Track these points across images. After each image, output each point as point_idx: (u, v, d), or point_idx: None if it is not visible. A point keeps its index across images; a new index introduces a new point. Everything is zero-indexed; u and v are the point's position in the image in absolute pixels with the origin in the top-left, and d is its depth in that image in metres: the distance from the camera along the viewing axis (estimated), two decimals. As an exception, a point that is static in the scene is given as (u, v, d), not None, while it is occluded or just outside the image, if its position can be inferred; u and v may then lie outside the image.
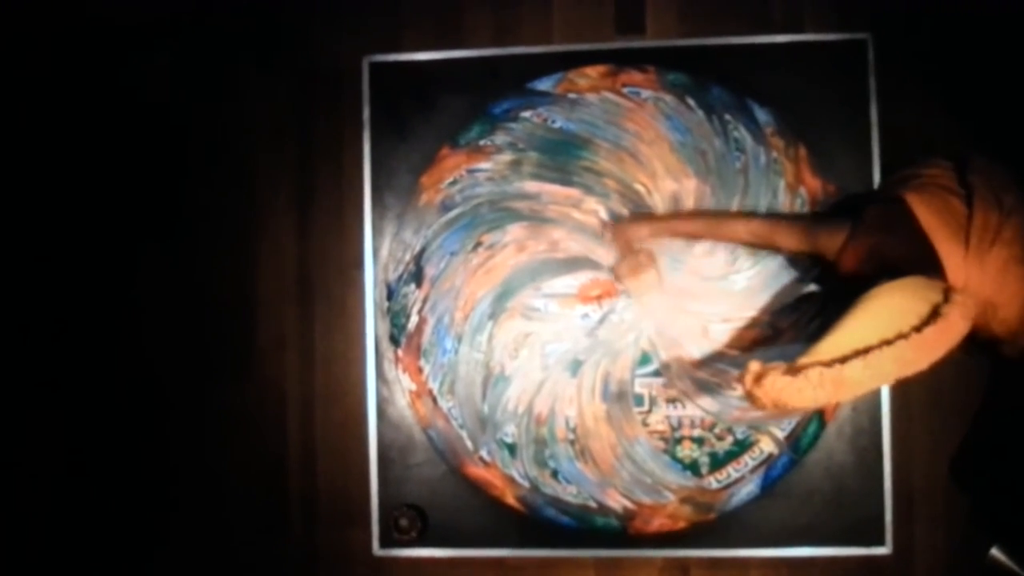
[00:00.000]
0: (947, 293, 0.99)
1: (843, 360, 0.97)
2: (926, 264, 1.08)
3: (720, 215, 1.48)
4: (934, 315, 0.97)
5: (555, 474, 1.54)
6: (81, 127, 1.66)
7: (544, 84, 1.57)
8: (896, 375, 0.97)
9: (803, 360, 1.00)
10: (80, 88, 1.66)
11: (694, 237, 1.49)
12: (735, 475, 1.51)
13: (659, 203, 1.54)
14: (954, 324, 0.96)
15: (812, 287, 1.48)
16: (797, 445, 1.50)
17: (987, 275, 1.09)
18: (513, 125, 1.57)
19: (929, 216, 1.11)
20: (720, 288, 1.52)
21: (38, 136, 1.66)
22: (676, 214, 1.50)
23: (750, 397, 1.04)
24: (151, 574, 1.63)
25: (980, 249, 1.09)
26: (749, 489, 1.50)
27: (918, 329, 0.96)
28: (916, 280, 1.04)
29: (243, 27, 1.63)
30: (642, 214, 1.51)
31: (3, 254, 1.65)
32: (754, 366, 1.04)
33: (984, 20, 1.50)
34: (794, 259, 1.46)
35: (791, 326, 1.50)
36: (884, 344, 0.96)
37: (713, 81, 1.54)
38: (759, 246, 1.44)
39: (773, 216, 1.46)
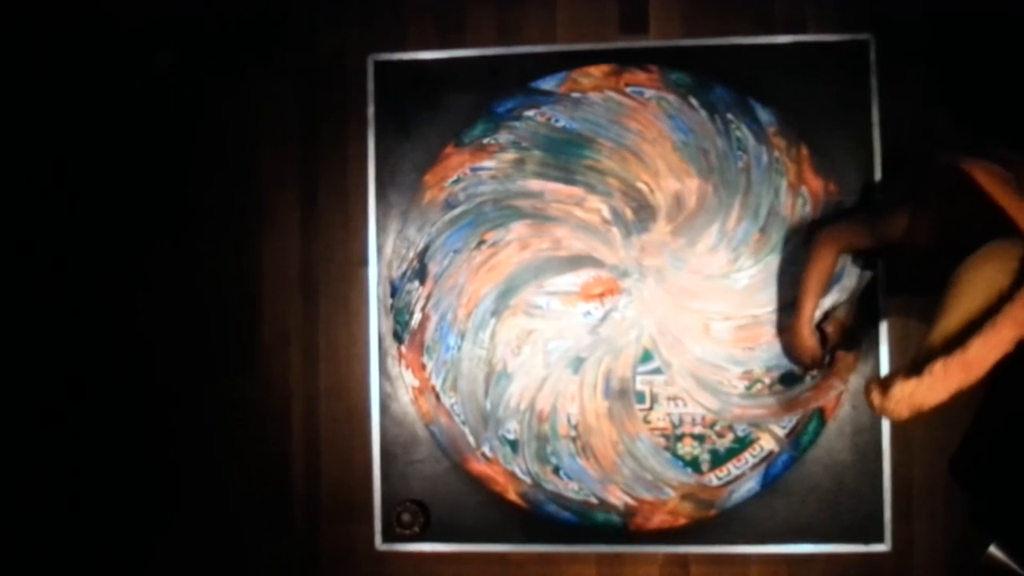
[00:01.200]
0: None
1: (961, 343, 0.97)
2: (996, 225, 1.07)
3: (810, 274, 1.39)
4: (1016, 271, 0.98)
5: (557, 470, 1.55)
6: (88, 125, 1.67)
7: (548, 83, 1.58)
8: (1018, 337, 0.96)
9: (910, 359, 1.01)
10: (87, 86, 1.67)
11: (820, 299, 1.43)
12: (735, 472, 1.52)
13: (661, 202, 1.55)
14: None
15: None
16: (797, 443, 1.51)
17: None
18: (517, 124, 1.58)
19: (987, 178, 1.10)
20: (722, 286, 1.53)
21: (45, 134, 1.67)
22: (801, 307, 1.40)
23: (884, 412, 1.03)
24: (155, 568, 1.64)
25: None
26: (749, 486, 1.52)
27: (1018, 286, 0.96)
28: (995, 246, 1.04)
29: (249, 26, 1.64)
30: (788, 339, 1.45)
31: (9, 250, 1.66)
32: (874, 383, 1.04)
33: (985, 20, 1.51)
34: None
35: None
36: (993, 313, 0.96)
37: (715, 81, 1.55)
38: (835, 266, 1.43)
39: (837, 230, 1.40)
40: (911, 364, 1.02)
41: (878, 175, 1.52)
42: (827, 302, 1.48)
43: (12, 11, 1.66)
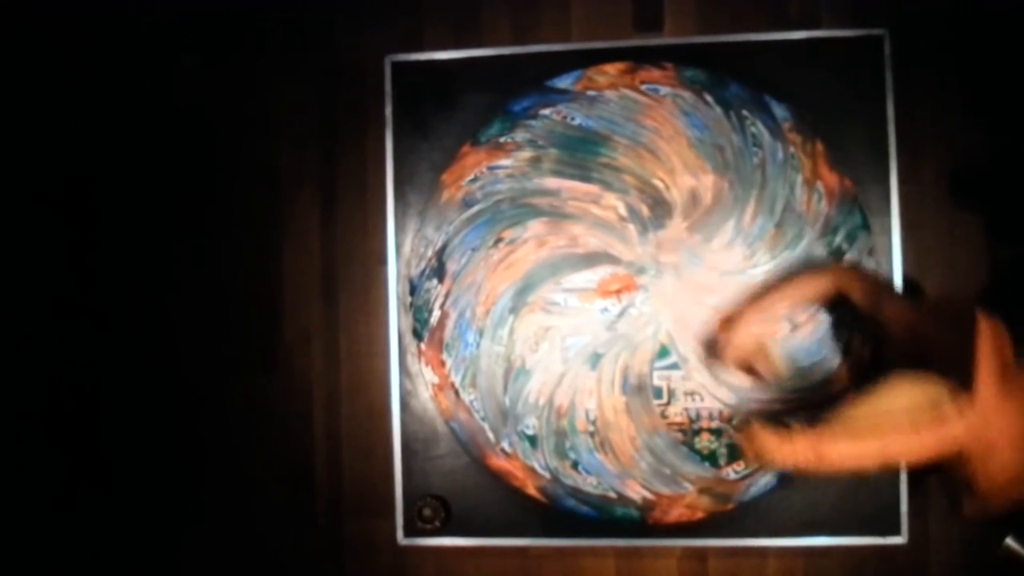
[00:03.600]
0: (957, 401, 0.98)
1: (831, 437, 0.97)
2: (959, 374, 1.03)
3: (795, 281, 1.34)
4: (938, 418, 0.96)
5: (575, 465, 1.57)
6: (108, 128, 1.69)
7: (563, 82, 1.59)
8: (879, 462, 0.96)
9: (798, 424, 1.01)
10: (106, 89, 1.69)
11: (784, 311, 1.40)
12: (753, 466, 1.53)
13: (677, 198, 1.56)
14: (952, 430, 0.95)
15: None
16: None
17: (1005, 420, 1.02)
18: (533, 122, 1.60)
19: (989, 339, 1.05)
20: (738, 282, 1.54)
21: (66, 136, 1.69)
22: (762, 300, 1.36)
23: (743, 450, 1.05)
24: (182, 563, 1.67)
25: (1009, 398, 1.02)
26: (766, 480, 1.53)
27: (913, 423, 0.96)
28: (936, 386, 1.02)
29: (266, 28, 1.66)
30: (723, 319, 1.44)
31: (34, 253, 1.69)
32: (753, 424, 1.05)
33: (1002, 16, 1.51)
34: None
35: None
36: (875, 429, 0.96)
37: (730, 77, 1.56)
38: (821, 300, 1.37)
39: (852, 268, 1.39)
40: (787, 424, 1.04)
41: (893, 170, 1.52)
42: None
43: (32, 14, 1.69)
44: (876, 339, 1.27)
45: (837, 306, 1.38)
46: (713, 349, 1.49)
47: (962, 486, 1.06)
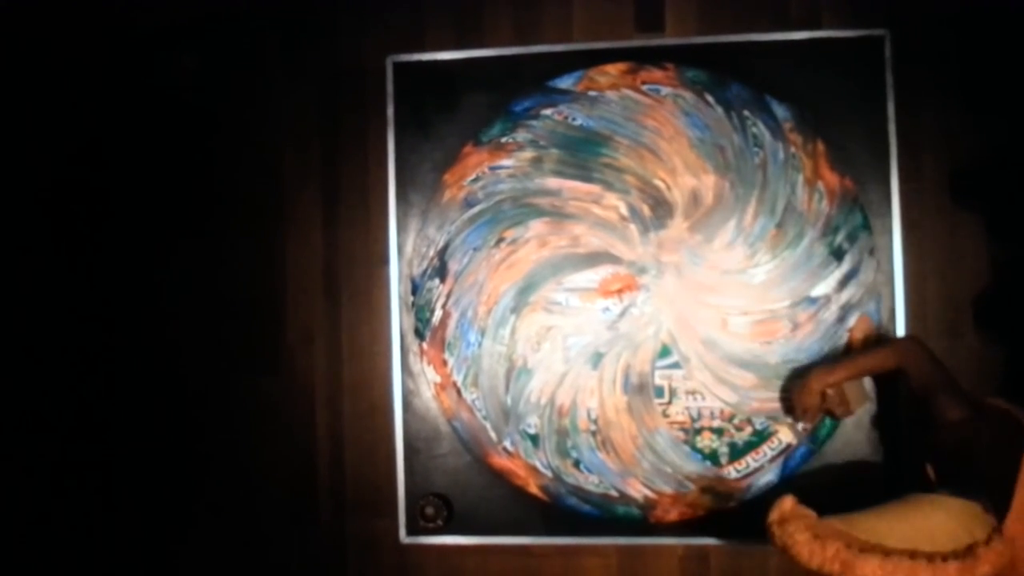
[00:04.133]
0: (992, 537, 1.01)
1: (863, 549, 1.00)
2: (997, 494, 1.07)
3: (862, 356, 1.42)
4: (968, 552, 0.99)
5: (577, 464, 1.57)
6: (112, 127, 1.70)
7: (565, 82, 1.60)
8: None
9: (832, 524, 1.04)
10: (110, 90, 1.70)
11: (853, 378, 1.43)
12: (754, 465, 1.54)
13: (678, 198, 1.57)
14: (979, 569, 0.98)
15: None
16: (815, 436, 1.53)
17: None
18: (534, 123, 1.60)
19: None
20: (739, 281, 1.55)
21: (70, 135, 1.70)
22: (832, 367, 1.41)
23: (768, 529, 1.08)
24: (182, 563, 1.68)
25: None
26: (768, 479, 1.53)
27: (944, 558, 0.98)
28: (973, 506, 1.05)
29: (269, 29, 1.67)
30: (801, 383, 1.43)
31: (36, 250, 1.70)
32: (787, 504, 1.07)
33: (1002, 16, 1.51)
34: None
35: (809, 319, 1.53)
36: (908, 555, 0.99)
37: (731, 78, 1.56)
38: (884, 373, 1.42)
39: (922, 353, 1.38)
40: (822, 524, 1.05)
41: (894, 170, 1.53)
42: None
43: (36, 15, 1.69)
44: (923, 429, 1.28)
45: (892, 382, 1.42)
46: (792, 411, 1.49)
47: None
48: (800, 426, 1.52)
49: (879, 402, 1.52)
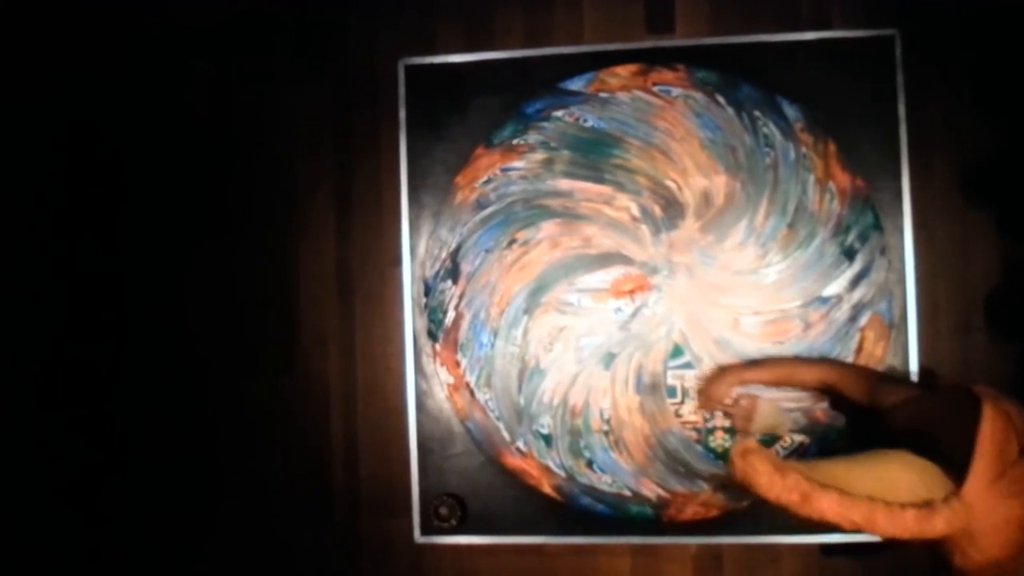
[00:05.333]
0: (949, 496, 1.02)
1: (823, 486, 1.00)
2: (954, 462, 1.07)
3: (790, 362, 1.49)
4: (925, 505, 1.00)
5: (590, 464, 1.58)
6: (126, 133, 1.71)
7: (576, 84, 1.61)
8: (857, 527, 0.99)
9: (793, 464, 1.03)
10: (125, 95, 1.71)
11: (769, 384, 1.50)
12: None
13: (690, 199, 1.57)
14: (935, 523, 0.99)
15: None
16: (826, 436, 1.53)
17: (991, 514, 1.07)
18: (546, 124, 1.61)
19: (990, 434, 1.08)
20: (751, 281, 1.55)
21: (84, 142, 1.72)
22: (751, 364, 1.49)
23: (730, 463, 1.07)
24: (199, 564, 1.69)
25: (1004, 491, 1.07)
26: (781, 477, 1.54)
27: (902, 506, 0.99)
28: (934, 468, 1.06)
29: (281, 34, 1.68)
30: (716, 371, 1.52)
31: (51, 255, 1.71)
32: (750, 443, 1.07)
33: (1012, 15, 1.51)
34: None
35: (821, 319, 1.53)
36: (867, 498, 0.99)
37: (742, 78, 1.57)
38: (826, 390, 1.46)
39: (841, 363, 1.49)
40: (782, 460, 1.05)
41: (905, 169, 1.53)
42: (768, 393, 1.51)
43: (49, 23, 1.71)
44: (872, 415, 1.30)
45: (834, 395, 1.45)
46: (703, 395, 1.54)
47: (945, 567, 1.11)
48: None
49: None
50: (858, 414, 1.43)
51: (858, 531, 0.98)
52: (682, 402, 1.56)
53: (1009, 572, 1.08)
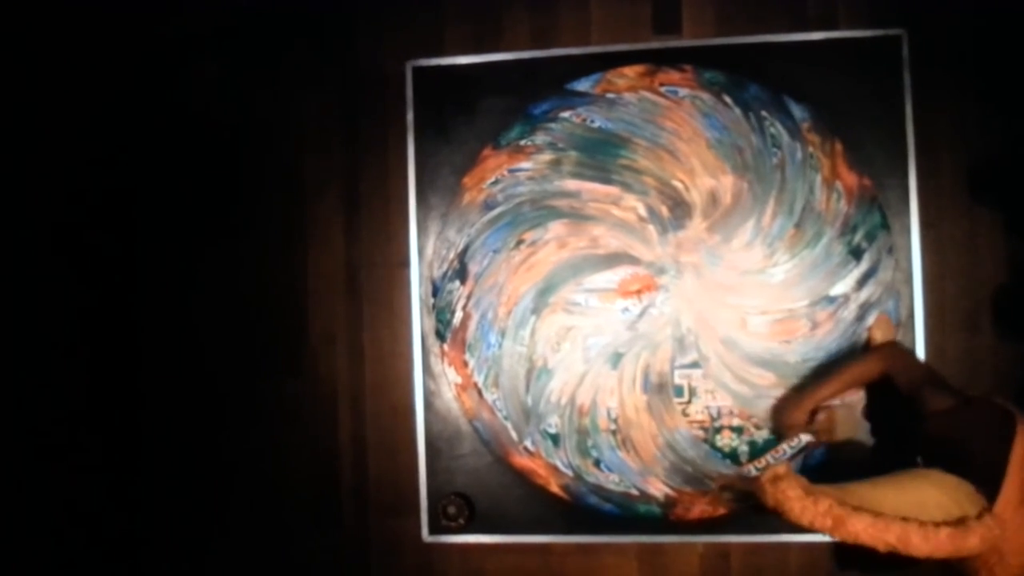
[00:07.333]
0: (983, 513, 1.02)
1: (856, 508, 1.01)
2: (988, 479, 1.08)
3: (850, 367, 1.43)
4: (959, 522, 1.00)
5: (598, 463, 1.59)
6: (136, 136, 1.73)
7: (583, 85, 1.61)
8: (892, 548, 1.00)
9: (824, 488, 1.04)
10: (134, 98, 1.73)
11: (842, 394, 1.47)
12: (774, 463, 1.54)
13: (697, 199, 1.58)
14: (969, 540, 0.99)
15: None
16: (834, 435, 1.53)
17: (1021, 532, 1.09)
18: (553, 125, 1.61)
19: (1023, 453, 1.10)
20: (758, 281, 1.56)
21: (95, 145, 1.72)
22: (820, 384, 1.45)
23: (760, 489, 1.08)
24: (207, 563, 1.70)
25: None
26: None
27: (937, 524, 0.99)
28: (965, 485, 1.07)
29: (290, 37, 1.69)
30: (788, 398, 1.51)
31: (62, 257, 1.72)
32: (780, 468, 1.08)
33: (1018, 15, 1.51)
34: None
35: (828, 318, 1.54)
36: (900, 518, 1.00)
37: (749, 79, 1.57)
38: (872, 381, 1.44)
39: (892, 351, 1.43)
40: (813, 485, 1.05)
41: (912, 168, 1.53)
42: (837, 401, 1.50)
43: (60, 27, 1.72)
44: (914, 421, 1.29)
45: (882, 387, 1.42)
46: (777, 424, 1.52)
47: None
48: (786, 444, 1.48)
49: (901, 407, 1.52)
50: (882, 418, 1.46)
51: (893, 551, 0.98)
52: (689, 401, 1.57)
53: None
